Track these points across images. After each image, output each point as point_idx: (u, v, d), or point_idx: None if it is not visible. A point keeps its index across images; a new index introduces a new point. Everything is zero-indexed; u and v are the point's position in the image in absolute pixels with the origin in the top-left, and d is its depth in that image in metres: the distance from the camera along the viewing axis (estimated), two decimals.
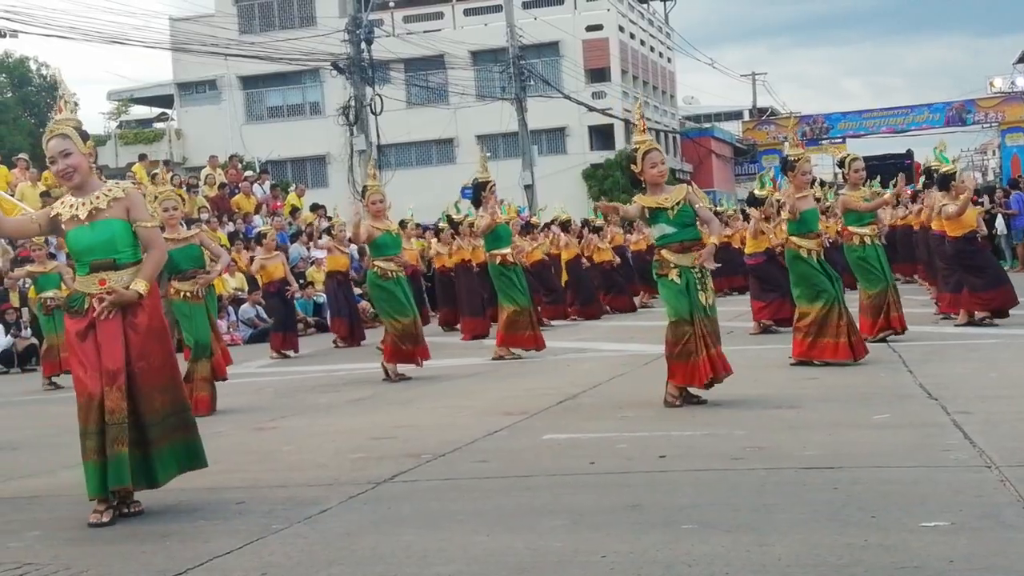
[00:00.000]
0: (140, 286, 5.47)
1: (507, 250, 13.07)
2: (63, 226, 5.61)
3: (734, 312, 16.46)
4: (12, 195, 20.96)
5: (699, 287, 8.05)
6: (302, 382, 12.42)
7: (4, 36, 25.66)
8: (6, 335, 18.14)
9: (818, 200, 11.17)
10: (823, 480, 5.36)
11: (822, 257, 10.22)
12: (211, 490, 6.05)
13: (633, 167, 8.28)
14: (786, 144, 11.91)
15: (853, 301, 10.99)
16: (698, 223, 8.32)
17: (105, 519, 5.29)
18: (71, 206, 5.57)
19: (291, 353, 16.46)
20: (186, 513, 5.51)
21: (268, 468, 6.80)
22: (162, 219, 9.77)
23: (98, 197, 5.54)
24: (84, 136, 5.63)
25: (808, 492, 5.12)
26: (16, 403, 12.83)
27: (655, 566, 4.03)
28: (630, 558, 4.16)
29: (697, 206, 8.24)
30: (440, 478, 6.08)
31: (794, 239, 10.22)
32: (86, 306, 5.48)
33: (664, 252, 8.13)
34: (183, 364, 9.31)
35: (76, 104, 5.78)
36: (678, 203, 8.11)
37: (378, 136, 33.45)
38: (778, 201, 14.03)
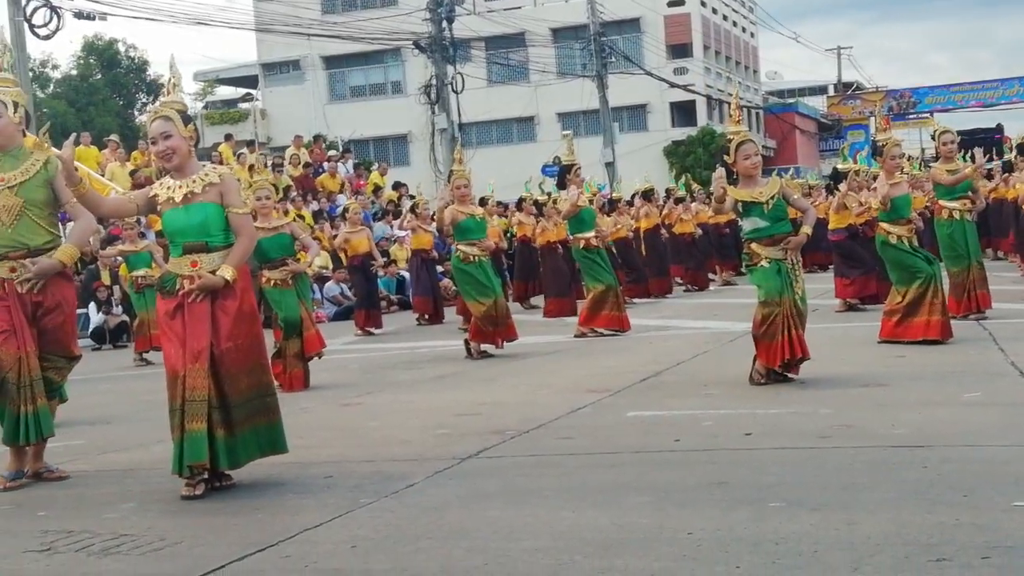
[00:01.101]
0: (227, 272, 5.54)
1: (590, 234, 12.99)
2: (159, 207, 5.72)
3: (819, 289, 16.28)
4: (103, 175, 21.39)
5: (791, 277, 7.99)
6: (386, 359, 12.54)
7: (93, 19, 26.07)
8: (98, 312, 18.54)
9: (903, 172, 10.95)
10: (912, 459, 5.29)
11: (915, 242, 10.04)
12: (299, 465, 6.15)
13: (726, 158, 8.20)
14: (872, 120, 11.74)
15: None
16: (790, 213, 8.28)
17: (197, 492, 5.40)
18: (168, 188, 5.68)
19: (374, 330, 16.60)
20: (276, 487, 5.60)
21: (354, 444, 6.89)
22: (254, 207, 9.94)
23: (194, 181, 5.63)
24: (186, 119, 5.71)
25: (897, 471, 5.07)
26: (109, 378, 13.11)
27: (742, 543, 4.02)
28: (716, 535, 4.15)
29: (792, 198, 8.23)
30: (524, 454, 6.11)
31: (884, 225, 10.05)
32: (177, 287, 5.58)
33: (754, 245, 8.06)
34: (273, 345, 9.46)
35: (177, 86, 5.89)
36: (773, 197, 8.03)
37: (459, 114, 33.54)
38: (857, 174, 13.85)
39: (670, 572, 3.75)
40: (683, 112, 49.38)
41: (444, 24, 33.23)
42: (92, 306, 18.60)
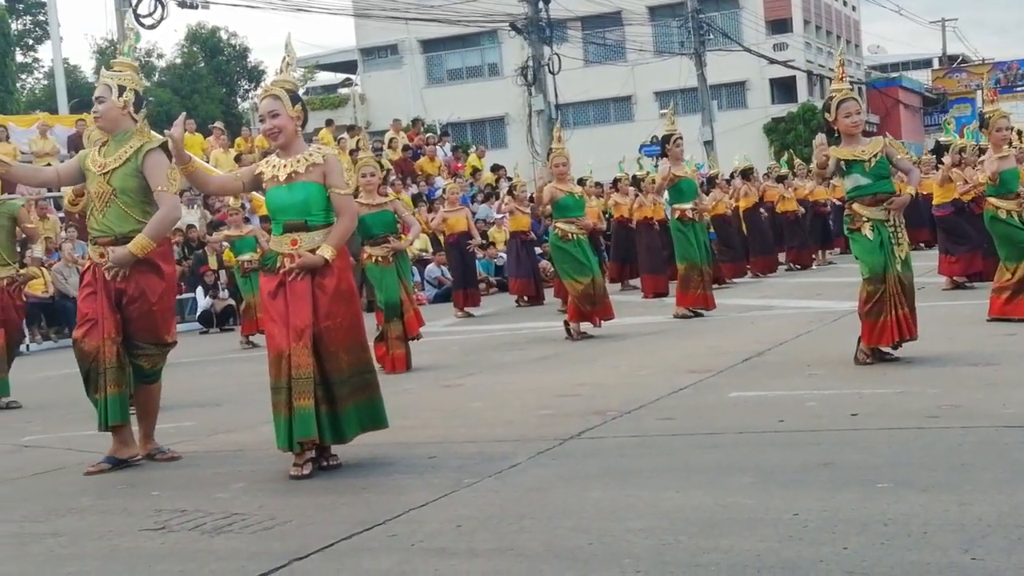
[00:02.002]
0: (327, 252, 5.61)
1: (688, 205, 12.84)
2: (264, 185, 5.82)
3: (924, 267, 15.95)
4: (207, 162, 21.81)
5: (893, 241, 7.82)
6: (487, 340, 12.61)
7: (196, 7, 26.58)
8: (205, 296, 18.94)
9: (1011, 145, 10.64)
10: None
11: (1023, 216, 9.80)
12: (403, 445, 6.22)
13: (826, 115, 8.06)
14: (978, 93, 11.47)
15: None
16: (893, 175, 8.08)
17: (305, 471, 5.50)
18: (273, 166, 5.78)
19: (473, 311, 16.67)
20: (380, 467, 5.68)
21: (457, 424, 6.95)
22: (360, 184, 10.07)
23: (298, 161, 5.71)
24: (294, 99, 5.77)
25: (1009, 451, 4.96)
26: (216, 361, 13.40)
27: (849, 524, 3.97)
28: (823, 516, 4.10)
29: (896, 157, 8.00)
30: (626, 435, 6.11)
31: (992, 200, 9.83)
32: (278, 264, 5.68)
33: (856, 205, 7.90)
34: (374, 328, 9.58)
35: (291, 65, 5.96)
36: (875, 155, 7.87)
37: (556, 95, 33.48)
38: (963, 150, 13.51)
39: (775, 553, 3.73)
40: (783, 88, 48.66)
41: (540, 5, 33.17)
42: (199, 290, 19.02)
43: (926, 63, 65.32)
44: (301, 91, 7.57)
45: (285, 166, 5.73)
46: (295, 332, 5.52)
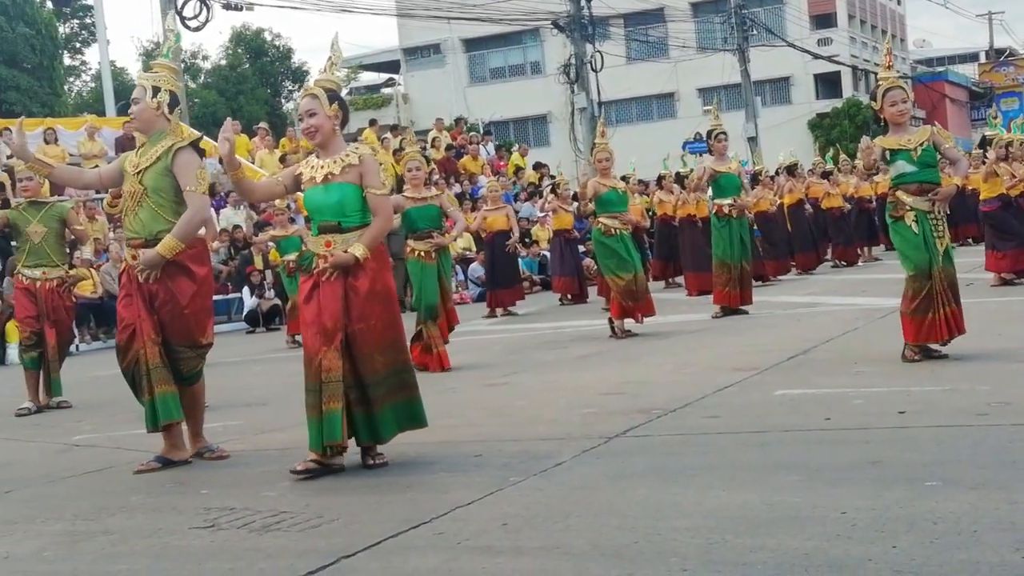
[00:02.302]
0: (358, 251, 5.59)
1: (726, 201, 12.72)
2: (303, 186, 5.85)
3: (972, 263, 15.79)
4: (252, 162, 21.97)
5: (935, 234, 7.74)
6: (530, 339, 12.61)
7: (241, 9, 26.77)
8: (251, 296, 19.08)
9: None
10: None
11: None
12: (448, 443, 6.24)
13: (872, 104, 8.00)
14: None
15: None
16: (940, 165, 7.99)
17: (300, 468, 5.51)
18: (312, 167, 5.80)
19: (514, 309, 16.58)
20: (426, 465, 5.70)
21: (501, 422, 6.96)
22: (406, 178, 10.15)
23: (335, 162, 5.73)
24: (332, 98, 5.77)
25: None
26: (262, 360, 13.49)
27: (898, 523, 3.94)
28: (871, 514, 4.07)
29: (944, 146, 7.88)
30: (672, 433, 6.09)
31: None
32: (313, 265, 5.70)
33: (900, 193, 7.81)
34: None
35: (336, 64, 5.96)
36: (922, 143, 7.79)
37: (599, 93, 33.44)
38: (1008, 145, 13.34)
39: (823, 551, 3.71)
40: (827, 84, 48.32)
41: (583, 2, 33.14)
42: (246, 290, 19.16)
43: (972, 57, 64.63)
44: (344, 91, 7.58)
45: (322, 167, 5.74)
46: (325, 335, 5.52)
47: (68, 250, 10.78)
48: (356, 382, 5.56)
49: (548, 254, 20.86)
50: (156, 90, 6.30)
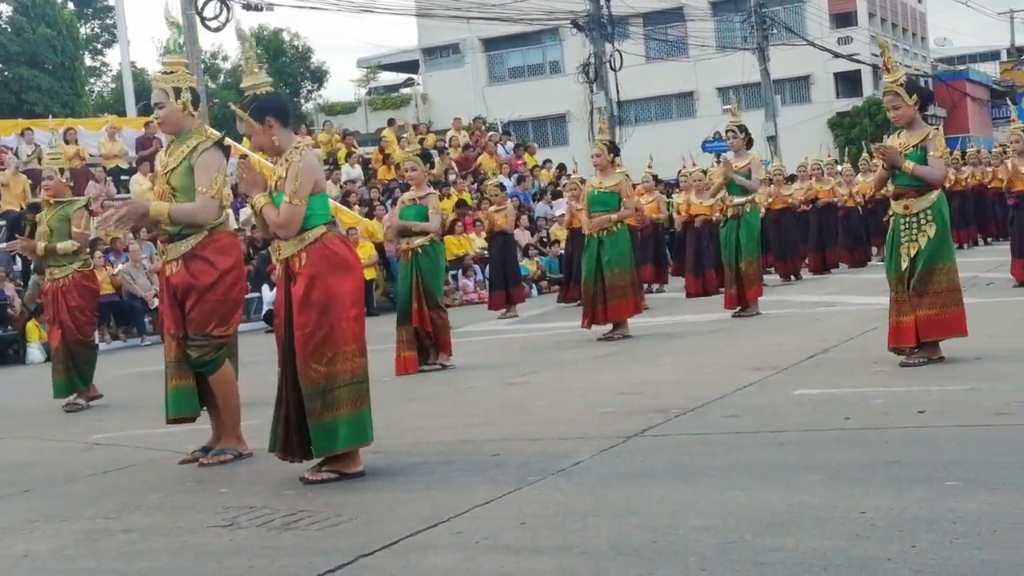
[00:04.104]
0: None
1: (741, 200, 12.51)
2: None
3: (992, 263, 15.71)
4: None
5: (903, 237, 7.68)
6: (549, 338, 12.61)
7: (261, 10, 26.80)
8: (271, 291, 19.12)
9: None
10: None
11: None
12: (467, 442, 6.25)
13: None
14: None
15: None
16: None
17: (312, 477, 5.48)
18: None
19: (515, 310, 16.32)
20: (445, 464, 5.70)
21: (521, 421, 6.96)
22: (406, 179, 10.27)
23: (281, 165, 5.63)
24: (177, 94, 6.14)
25: None
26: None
27: (917, 523, 3.93)
28: (891, 514, 4.06)
29: (929, 154, 7.71)
30: (690, 432, 6.09)
31: None
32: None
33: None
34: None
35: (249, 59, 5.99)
36: (914, 146, 7.75)
37: (618, 92, 33.40)
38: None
39: (843, 551, 3.70)
40: (848, 82, 48.11)
41: (602, 2, 33.11)
42: (265, 288, 19.20)
43: (994, 55, 64.25)
44: (364, 91, 7.57)
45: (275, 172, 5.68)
46: (279, 342, 5.57)
47: (88, 250, 10.76)
48: (296, 394, 5.46)
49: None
50: (178, 91, 6.33)
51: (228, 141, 6.58)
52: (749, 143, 12.75)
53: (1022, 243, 13.30)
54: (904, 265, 7.66)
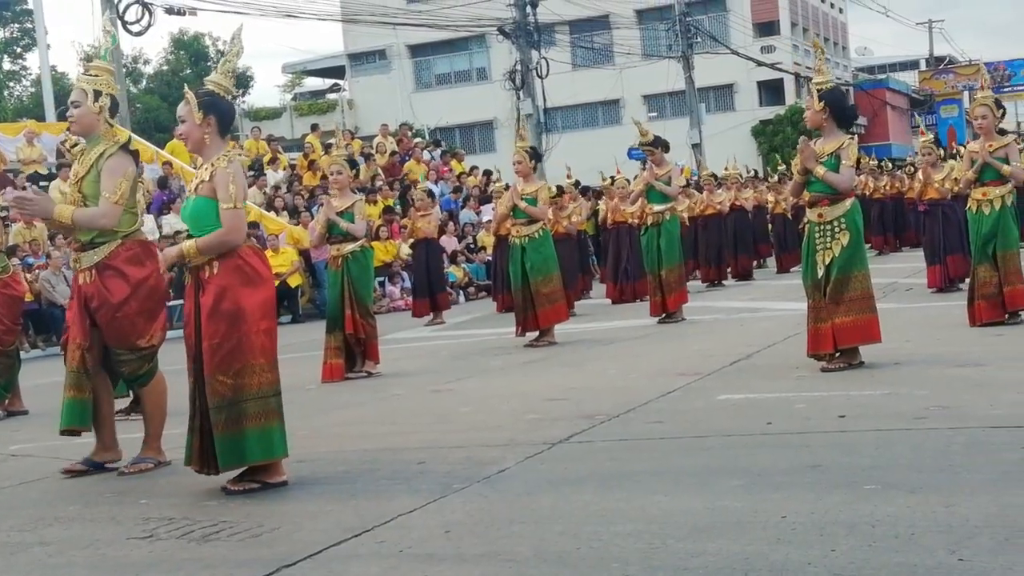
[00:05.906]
0: (186, 245, 5.47)
1: (661, 208, 12.63)
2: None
3: (912, 268, 15.98)
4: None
5: (817, 245, 7.80)
6: (475, 345, 12.59)
7: (183, 14, 26.50)
8: None
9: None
10: (1012, 439, 5.19)
11: None
12: (392, 450, 6.22)
13: None
14: (965, 94, 11.49)
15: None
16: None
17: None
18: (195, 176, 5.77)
19: (441, 318, 16.19)
20: (369, 473, 5.66)
21: (446, 429, 6.94)
22: (330, 183, 10.20)
23: (205, 170, 5.62)
24: (97, 96, 6.08)
25: (996, 452, 4.97)
26: None
27: (837, 527, 3.98)
28: (811, 518, 4.11)
29: (841, 163, 7.79)
30: (615, 439, 6.11)
31: None
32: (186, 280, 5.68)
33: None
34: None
35: (228, 61, 5.97)
36: (829, 154, 7.86)
37: (544, 99, 33.51)
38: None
39: (764, 556, 3.73)
40: (771, 91, 48.72)
41: (528, 9, 33.21)
42: None
43: (913, 64, 65.45)
44: (289, 96, 7.51)
45: (197, 177, 5.64)
46: (188, 352, 5.50)
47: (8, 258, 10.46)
48: (203, 405, 5.38)
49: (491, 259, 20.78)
50: (98, 94, 6.21)
51: (138, 141, 6.46)
52: (666, 149, 12.98)
53: (934, 250, 13.58)
54: (820, 273, 7.76)
